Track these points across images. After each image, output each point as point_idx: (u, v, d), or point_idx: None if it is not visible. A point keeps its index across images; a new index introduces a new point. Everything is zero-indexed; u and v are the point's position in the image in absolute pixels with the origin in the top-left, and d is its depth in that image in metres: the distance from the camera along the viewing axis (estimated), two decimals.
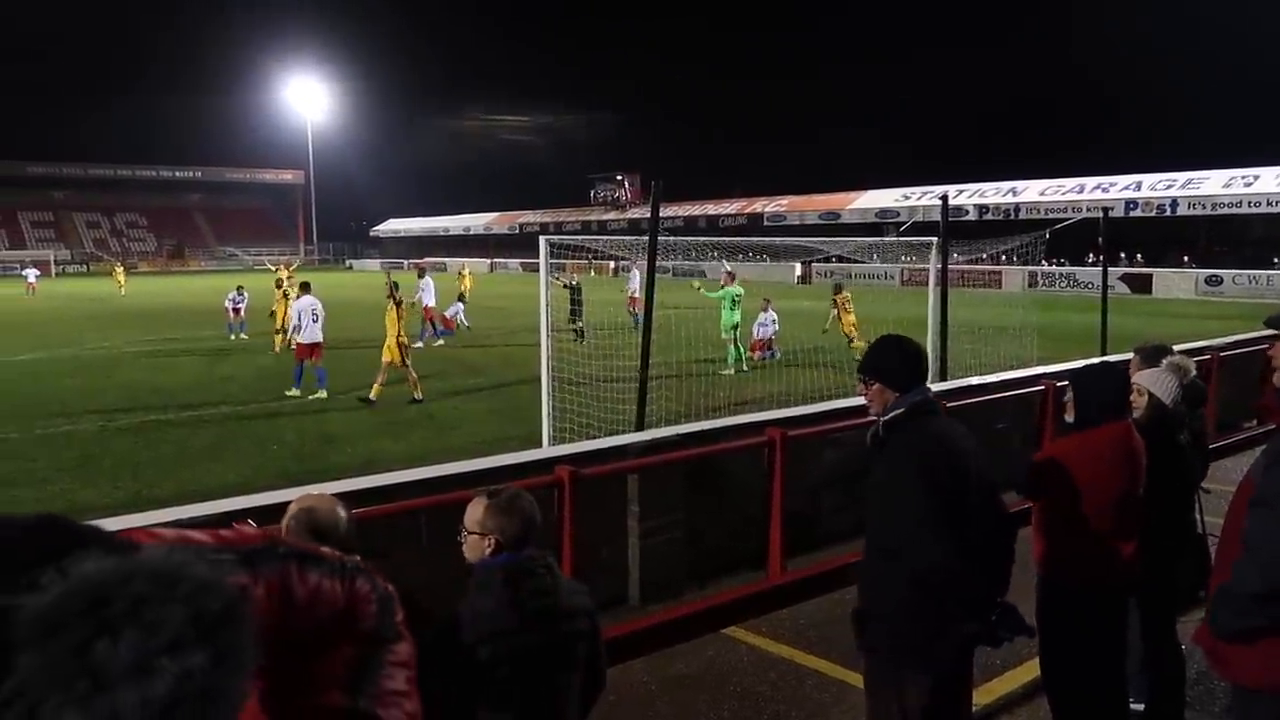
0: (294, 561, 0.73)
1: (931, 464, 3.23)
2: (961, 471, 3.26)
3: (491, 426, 12.51)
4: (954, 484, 3.23)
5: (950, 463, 3.26)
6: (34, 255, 72.75)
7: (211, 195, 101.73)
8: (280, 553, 0.73)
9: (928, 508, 3.16)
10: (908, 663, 3.27)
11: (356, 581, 0.79)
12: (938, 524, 3.15)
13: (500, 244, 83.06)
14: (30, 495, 9.29)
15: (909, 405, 3.32)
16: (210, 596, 0.47)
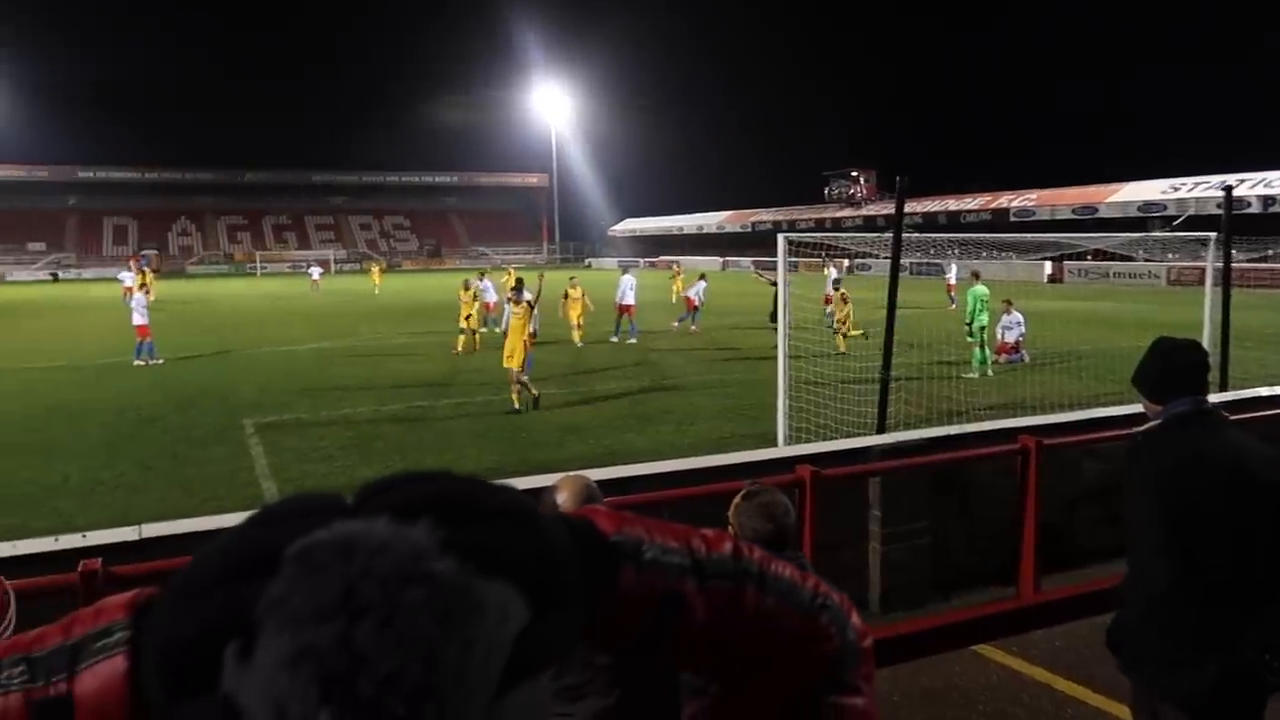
0: (753, 580, 0.72)
1: (1174, 485, 2.89)
2: (1217, 496, 2.84)
3: (729, 423, 12.61)
4: (1203, 510, 2.84)
5: (1199, 484, 2.87)
6: (317, 255, 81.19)
7: (466, 198, 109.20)
8: (740, 568, 0.72)
9: (1162, 533, 2.86)
10: (1159, 693, 2.99)
11: (820, 617, 0.73)
12: (1171, 553, 2.83)
13: (733, 242, 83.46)
14: (320, 470, 10.42)
15: (1167, 417, 3.04)
16: (371, 587, 0.49)
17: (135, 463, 10.91)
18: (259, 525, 0.55)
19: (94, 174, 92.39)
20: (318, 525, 0.52)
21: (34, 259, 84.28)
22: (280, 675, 0.47)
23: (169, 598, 0.53)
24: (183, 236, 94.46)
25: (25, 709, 0.55)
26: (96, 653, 0.56)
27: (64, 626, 0.58)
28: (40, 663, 0.56)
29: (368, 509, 0.54)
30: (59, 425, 13.23)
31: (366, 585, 0.48)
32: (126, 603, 0.58)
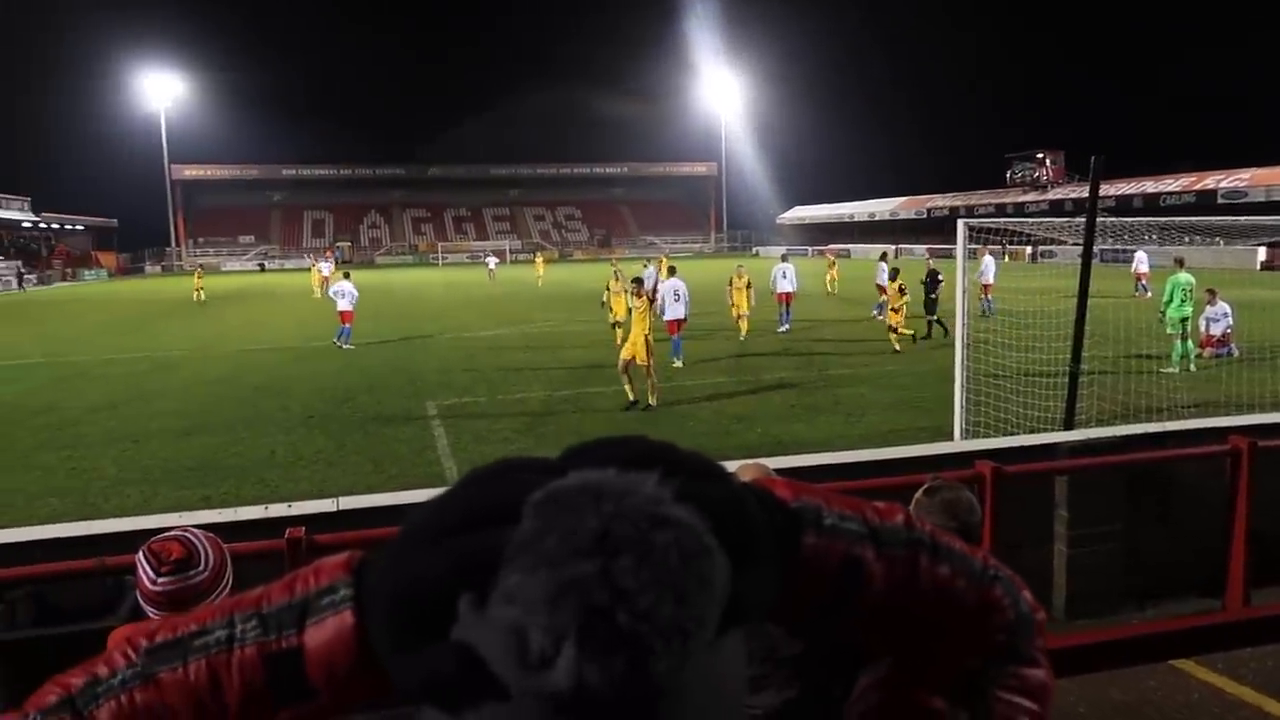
0: (926, 550, 0.71)
1: None
2: None
3: (901, 416, 12.24)
4: None
5: None
6: (494, 245, 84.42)
7: (635, 189, 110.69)
8: (912, 537, 0.72)
9: None
10: None
11: (994, 589, 0.73)
12: None
13: (906, 229, 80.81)
14: (496, 452, 10.85)
15: None
16: (625, 525, 0.51)
17: (331, 439, 11.71)
18: (483, 482, 0.59)
19: (296, 172, 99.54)
20: (544, 479, 0.55)
21: (244, 251, 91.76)
22: (536, 611, 0.49)
23: (398, 552, 0.57)
24: (372, 229, 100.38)
25: (260, 660, 0.60)
26: (323, 609, 0.59)
27: (288, 585, 0.62)
28: (271, 618, 0.60)
29: (587, 464, 0.57)
30: (265, 403, 14.37)
31: (621, 525, 0.51)
32: (345, 563, 0.62)
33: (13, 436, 12.40)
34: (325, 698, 0.60)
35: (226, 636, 0.60)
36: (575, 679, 0.48)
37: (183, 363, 19.56)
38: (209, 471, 10.27)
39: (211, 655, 0.60)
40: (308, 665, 0.59)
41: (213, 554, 2.21)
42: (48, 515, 8.78)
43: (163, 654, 0.61)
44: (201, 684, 0.60)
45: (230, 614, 0.61)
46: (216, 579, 2.19)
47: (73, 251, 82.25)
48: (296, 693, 0.60)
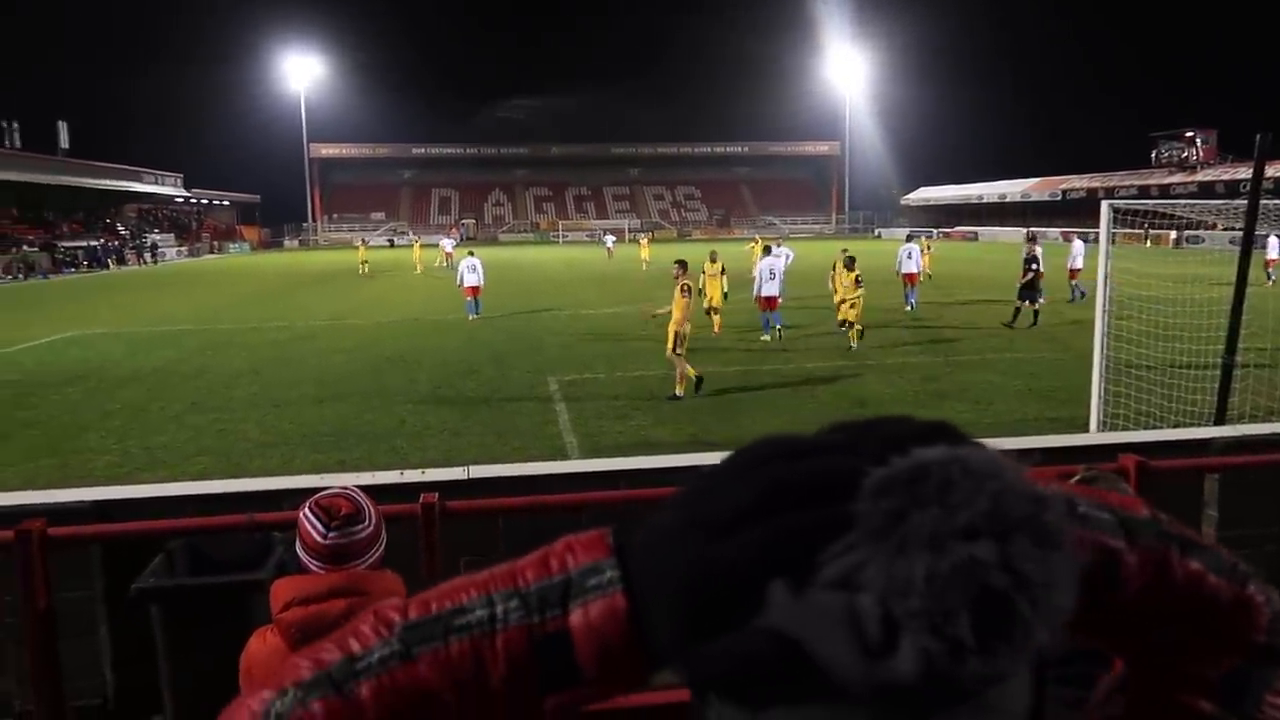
0: (1175, 544, 0.67)
1: None
2: None
3: (1030, 405, 11.80)
4: None
5: None
6: (612, 225, 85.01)
7: (755, 168, 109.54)
8: (1161, 530, 0.67)
9: None
10: None
11: (1248, 586, 0.68)
12: None
13: (1039, 211, 77.42)
14: (616, 428, 10.99)
15: None
16: (1016, 503, 0.48)
17: (456, 410, 12.07)
18: (779, 460, 0.54)
19: (425, 151, 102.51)
20: (848, 458, 0.52)
21: (375, 227, 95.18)
22: (908, 597, 0.46)
23: (681, 535, 0.53)
24: (496, 207, 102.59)
25: (526, 642, 0.57)
26: (589, 590, 0.56)
27: (541, 562, 0.59)
28: (532, 598, 0.57)
29: (879, 442, 0.53)
30: (395, 374, 14.92)
31: (1013, 503, 0.47)
32: (603, 542, 0.59)
33: (168, 398, 13.26)
34: (593, 682, 0.57)
35: (488, 616, 0.57)
36: (923, 667, 0.45)
37: (319, 333, 20.50)
38: (343, 437, 10.75)
39: (474, 636, 0.57)
40: (576, 648, 0.56)
41: (374, 512, 2.32)
42: (198, 472, 9.38)
43: (422, 632, 0.58)
44: (464, 665, 0.57)
45: (487, 592, 0.59)
46: (376, 536, 2.30)
47: (219, 225, 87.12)
48: (564, 677, 0.57)
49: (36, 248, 52.85)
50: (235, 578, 4.34)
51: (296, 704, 0.57)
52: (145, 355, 17.48)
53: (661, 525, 0.55)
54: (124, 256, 59.28)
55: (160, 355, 17.44)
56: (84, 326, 22.83)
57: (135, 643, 4.48)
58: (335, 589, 2.16)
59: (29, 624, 4.08)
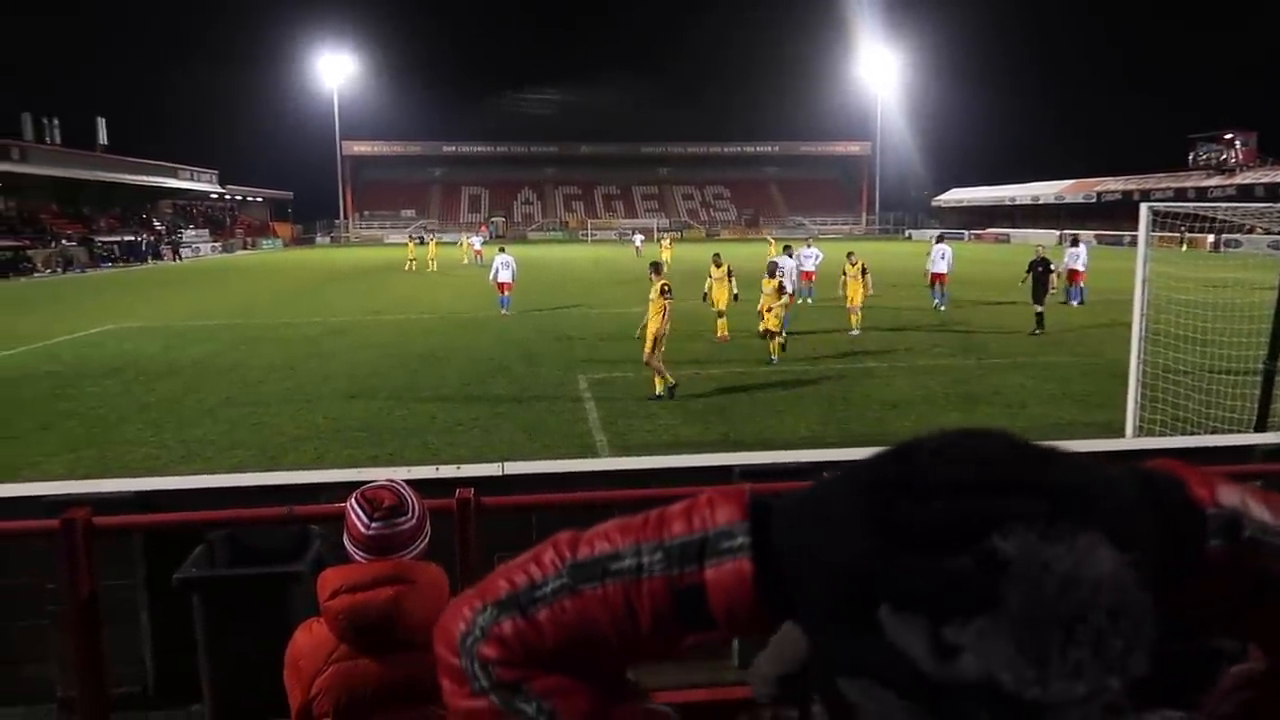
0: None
1: None
2: None
3: (1063, 409, 11.68)
4: None
5: None
6: (641, 224, 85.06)
7: (785, 168, 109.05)
8: None
9: None
10: None
11: None
12: None
13: (1073, 214, 76.49)
14: (645, 426, 11.01)
15: None
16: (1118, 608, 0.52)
17: (487, 407, 12.14)
18: (967, 486, 0.56)
19: (455, 149, 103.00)
20: (995, 500, 0.55)
21: (406, 224, 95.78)
22: (1000, 656, 0.51)
23: (830, 525, 0.59)
24: (525, 205, 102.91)
25: (668, 591, 0.66)
26: (722, 552, 0.64)
27: (685, 516, 0.68)
28: (674, 552, 0.66)
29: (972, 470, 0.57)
30: (426, 370, 15.03)
31: (1090, 594, 0.52)
32: (741, 505, 0.66)
33: (203, 391, 13.45)
34: (724, 629, 0.66)
35: (635, 565, 0.67)
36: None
37: (351, 329, 20.69)
38: (375, 432, 10.84)
39: (626, 581, 0.67)
40: (710, 600, 0.65)
41: (418, 505, 2.35)
42: (233, 465, 9.51)
43: (584, 571, 0.68)
44: (618, 604, 0.67)
45: (637, 541, 0.68)
46: (420, 528, 2.33)
47: (253, 222, 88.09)
48: (701, 622, 0.66)
49: (75, 242, 53.71)
50: (274, 569, 4.40)
51: (493, 621, 0.70)
52: (181, 349, 17.74)
53: (827, 509, 0.60)
54: (160, 252, 60.10)
55: (196, 349, 17.69)
56: (121, 320, 23.20)
57: (175, 631, 4.55)
58: (380, 578, 2.19)
59: (72, 611, 4.16)
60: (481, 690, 0.70)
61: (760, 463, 5.55)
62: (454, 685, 0.72)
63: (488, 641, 0.70)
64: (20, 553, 4.88)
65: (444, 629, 0.73)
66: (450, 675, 0.72)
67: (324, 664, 2.20)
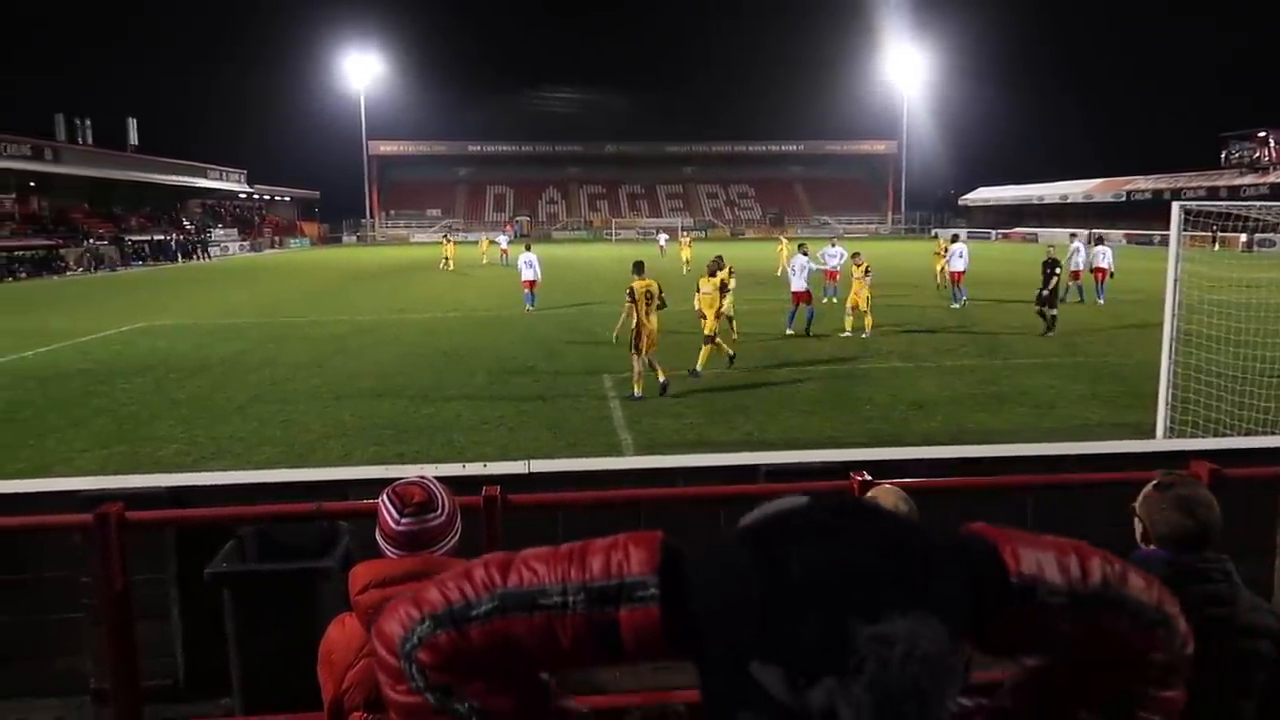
0: (1111, 607, 0.86)
1: None
2: None
3: (1093, 410, 11.54)
4: None
5: None
6: (665, 223, 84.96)
7: (811, 167, 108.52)
8: (1107, 596, 0.86)
9: None
10: None
11: (1156, 633, 0.88)
12: None
13: (1101, 213, 75.63)
14: (670, 426, 11.00)
15: None
16: (931, 668, 0.70)
17: (512, 405, 12.18)
18: (821, 580, 0.71)
19: (481, 148, 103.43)
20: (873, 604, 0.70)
21: (431, 223, 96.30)
22: (842, 701, 0.67)
23: (721, 592, 0.75)
24: (550, 205, 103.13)
25: (587, 624, 0.79)
26: (635, 600, 0.79)
27: (605, 562, 0.81)
28: (595, 594, 0.80)
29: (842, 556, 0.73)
30: (452, 369, 15.11)
31: (910, 669, 0.68)
32: (651, 561, 0.80)
33: (233, 389, 13.59)
34: (633, 656, 0.80)
35: (561, 602, 0.80)
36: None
37: (378, 327, 20.84)
38: (402, 430, 10.91)
39: (551, 613, 0.80)
40: (622, 634, 0.79)
41: (448, 501, 2.36)
42: (262, 462, 9.60)
43: (513, 600, 0.81)
44: (542, 630, 0.80)
45: (563, 581, 0.81)
46: (450, 524, 2.35)
47: (280, 221, 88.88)
48: (612, 650, 0.80)
49: (106, 241, 54.44)
50: (303, 565, 4.44)
51: (430, 633, 0.82)
52: (211, 347, 17.93)
53: (719, 577, 0.76)
54: (189, 251, 60.79)
55: (225, 347, 17.87)
56: (152, 318, 23.50)
57: (206, 625, 4.60)
58: (411, 573, 2.21)
59: (105, 605, 4.21)
60: (418, 689, 0.83)
61: (785, 462, 5.54)
62: (391, 681, 0.84)
63: (424, 649, 0.82)
64: (55, 547, 4.96)
65: (383, 632, 0.85)
66: (388, 672, 0.84)
67: (355, 658, 2.23)
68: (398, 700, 0.84)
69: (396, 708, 0.85)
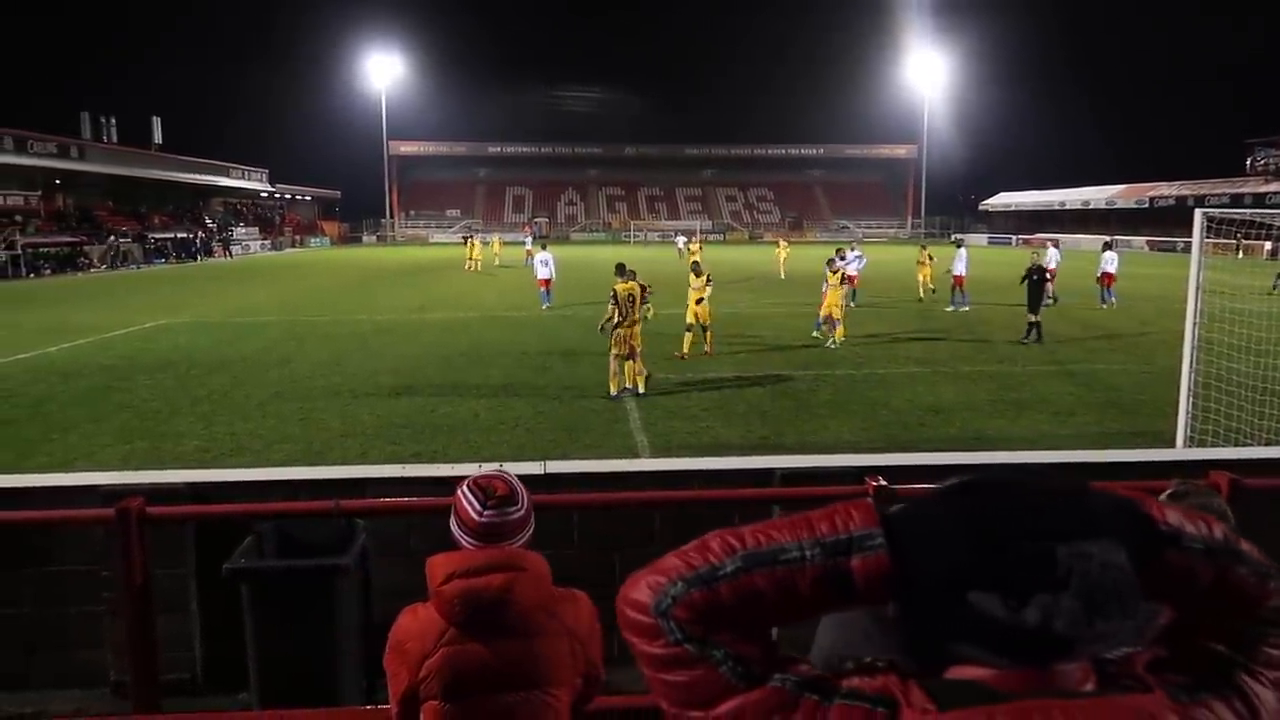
0: (1236, 559, 1.02)
1: None
2: None
3: (1112, 418, 11.46)
4: None
5: None
6: (683, 225, 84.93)
7: (831, 171, 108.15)
8: (1230, 548, 1.03)
9: None
10: None
11: (1269, 584, 1.04)
12: None
13: (1125, 219, 75.01)
14: (685, 428, 11.01)
15: None
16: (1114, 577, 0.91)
17: (529, 406, 12.22)
18: (1027, 518, 0.90)
19: (500, 149, 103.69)
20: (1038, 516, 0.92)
21: (450, 224, 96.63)
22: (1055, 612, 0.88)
23: (949, 538, 0.92)
24: (569, 206, 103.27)
25: (824, 572, 0.95)
26: (865, 549, 0.94)
27: (830, 520, 0.97)
28: (828, 547, 0.95)
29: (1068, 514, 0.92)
30: (469, 368, 15.17)
31: (1108, 575, 0.89)
32: (873, 514, 0.96)
33: (252, 386, 13.71)
34: (862, 597, 0.95)
35: (799, 556, 0.95)
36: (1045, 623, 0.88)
37: (397, 326, 20.94)
38: (419, 429, 10.97)
39: (791, 566, 0.95)
40: (854, 579, 0.94)
41: (526, 496, 2.40)
42: (281, 459, 9.67)
43: (755, 559, 0.96)
44: (784, 580, 0.95)
45: (798, 539, 0.96)
46: (528, 518, 2.39)
47: (301, 220, 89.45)
48: (846, 593, 0.95)
49: (129, 239, 54.94)
50: (320, 561, 4.48)
51: (684, 592, 0.97)
52: (231, 345, 18.08)
53: (937, 524, 0.94)
54: (211, 249, 61.29)
55: (246, 345, 18.02)
56: (174, 315, 23.71)
57: (224, 620, 4.65)
58: (494, 564, 2.25)
59: (126, 598, 4.26)
60: (677, 641, 0.96)
61: (801, 466, 5.53)
62: (646, 638, 0.98)
63: (679, 606, 0.96)
64: (77, 541, 5.03)
65: (633, 600, 0.99)
66: (644, 631, 0.98)
67: (434, 647, 2.25)
68: (656, 653, 0.97)
69: (653, 661, 0.98)
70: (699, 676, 0.96)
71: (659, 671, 0.98)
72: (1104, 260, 25.45)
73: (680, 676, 0.97)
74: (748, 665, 0.96)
